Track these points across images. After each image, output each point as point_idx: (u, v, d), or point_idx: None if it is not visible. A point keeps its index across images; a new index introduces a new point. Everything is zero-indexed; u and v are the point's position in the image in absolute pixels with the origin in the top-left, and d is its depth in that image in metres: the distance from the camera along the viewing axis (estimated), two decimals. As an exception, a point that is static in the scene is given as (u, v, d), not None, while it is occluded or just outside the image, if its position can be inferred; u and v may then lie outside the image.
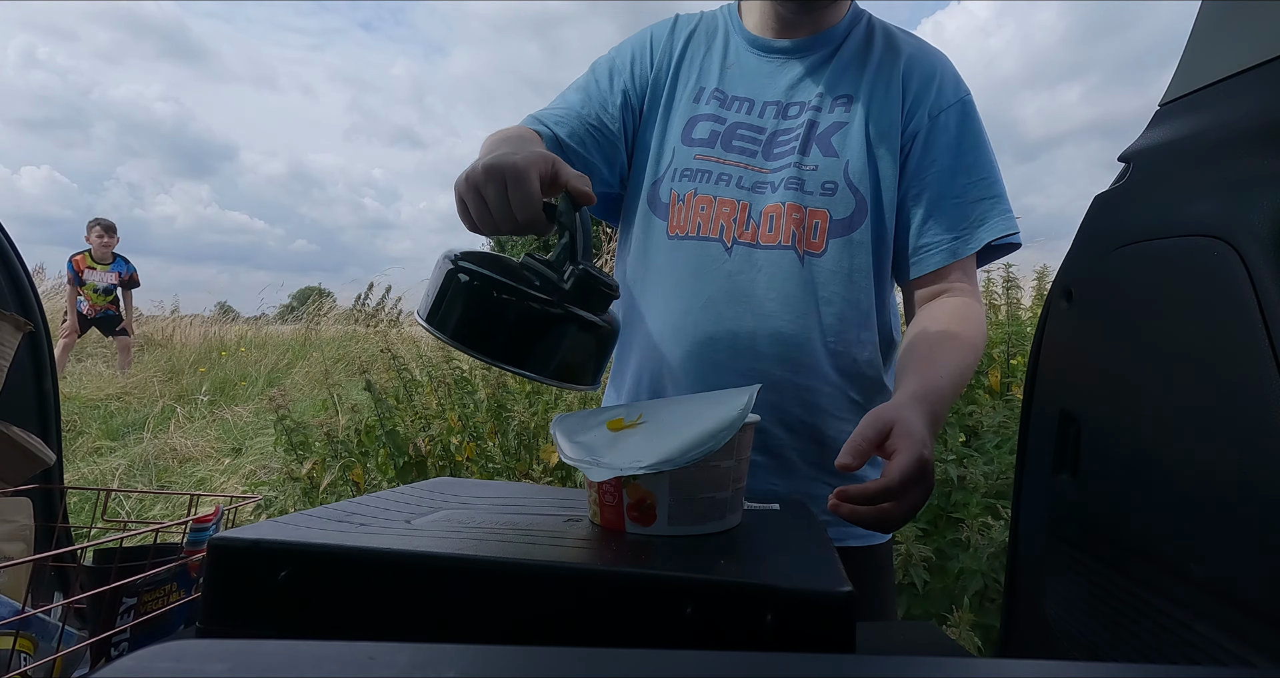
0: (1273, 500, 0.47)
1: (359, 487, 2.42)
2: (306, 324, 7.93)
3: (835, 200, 0.84)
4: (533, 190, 0.57)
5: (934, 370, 0.75)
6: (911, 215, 0.87)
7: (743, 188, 0.86)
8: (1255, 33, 0.58)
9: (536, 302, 0.53)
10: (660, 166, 0.91)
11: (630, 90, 0.93)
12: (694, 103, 0.91)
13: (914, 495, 0.61)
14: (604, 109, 0.92)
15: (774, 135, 0.88)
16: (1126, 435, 0.65)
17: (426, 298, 0.56)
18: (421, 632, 0.42)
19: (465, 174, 0.60)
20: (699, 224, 0.86)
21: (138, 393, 5.72)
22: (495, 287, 0.53)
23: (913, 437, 0.62)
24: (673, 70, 0.93)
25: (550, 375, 0.55)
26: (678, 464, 0.50)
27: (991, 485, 1.87)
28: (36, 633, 0.65)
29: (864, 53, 0.89)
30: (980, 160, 0.86)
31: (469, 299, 0.54)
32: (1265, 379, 0.48)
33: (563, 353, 0.55)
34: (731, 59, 0.93)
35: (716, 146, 0.88)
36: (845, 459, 0.61)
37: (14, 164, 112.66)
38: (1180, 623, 0.55)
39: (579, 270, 0.55)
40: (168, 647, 0.25)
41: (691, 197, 0.87)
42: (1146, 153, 0.70)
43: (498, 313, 0.53)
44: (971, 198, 0.85)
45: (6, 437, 0.87)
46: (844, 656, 0.38)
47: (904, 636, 0.61)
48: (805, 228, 0.84)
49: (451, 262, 0.54)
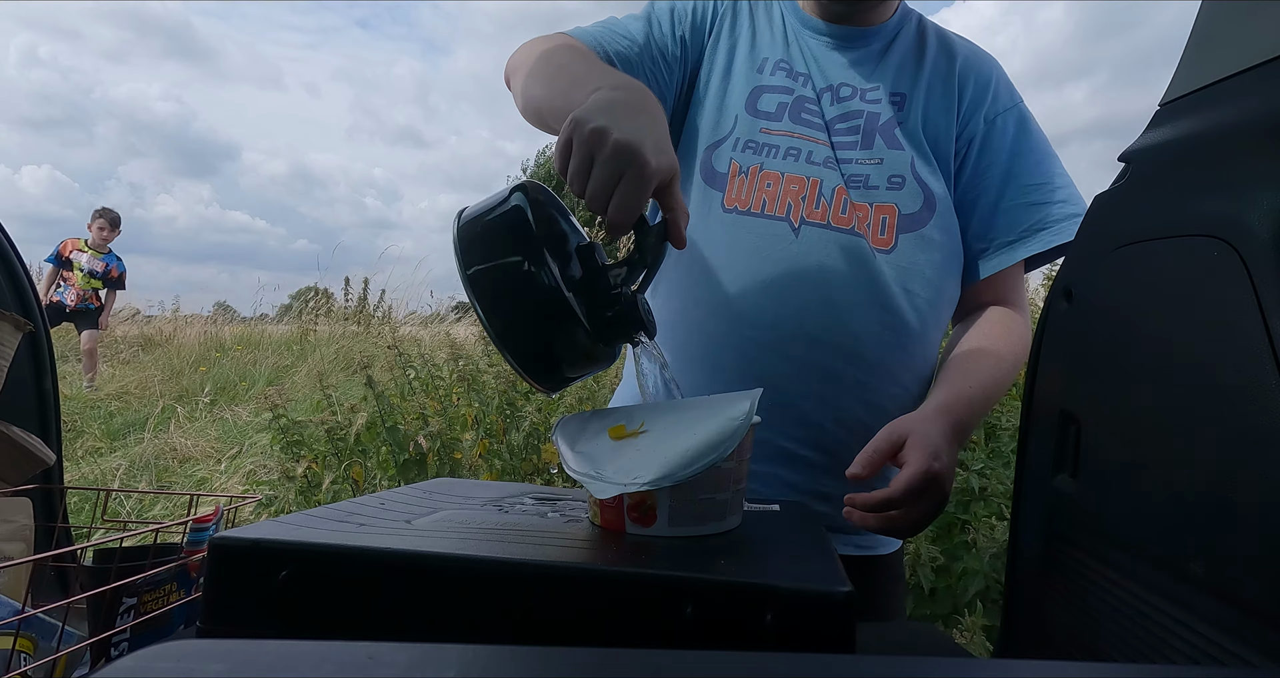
0: (1273, 501, 0.47)
1: (358, 485, 2.42)
2: (304, 324, 7.93)
3: (903, 194, 0.81)
4: (642, 201, 0.53)
5: (965, 381, 0.73)
6: (968, 221, 0.84)
7: (812, 163, 0.81)
8: (1255, 33, 0.58)
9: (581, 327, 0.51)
10: (718, 132, 0.86)
11: (689, 43, 0.87)
12: (757, 72, 0.87)
13: (922, 506, 0.60)
14: (662, 55, 0.85)
15: (834, 122, 0.84)
16: (1126, 435, 0.65)
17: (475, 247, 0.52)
18: (421, 632, 0.42)
19: (589, 123, 0.53)
20: (764, 201, 0.81)
21: (138, 393, 5.72)
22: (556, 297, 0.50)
23: (925, 449, 0.61)
24: (734, 34, 0.89)
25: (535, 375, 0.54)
26: (677, 479, 0.50)
27: (1008, 490, 1.87)
28: (36, 633, 0.65)
29: (918, 52, 0.87)
30: (1039, 166, 0.83)
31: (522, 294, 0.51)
32: (1265, 379, 0.48)
33: (565, 364, 0.54)
34: (791, 38, 0.89)
35: (784, 120, 0.84)
36: (855, 469, 0.61)
37: (15, 163, 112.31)
38: (1180, 623, 0.55)
39: (630, 298, 0.52)
40: (168, 647, 0.25)
41: (757, 170, 0.82)
42: (1147, 153, 0.70)
43: (543, 319, 0.51)
44: (1025, 204, 0.82)
45: (6, 437, 0.87)
46: (844, 656, 0.38)
47: (904, 636, 0.61)
48: (873, 224, 0.80)
49: (523, 204, 0.50)
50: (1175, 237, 0.60)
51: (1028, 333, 0.83)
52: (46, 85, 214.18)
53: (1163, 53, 5.58)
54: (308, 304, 8.44)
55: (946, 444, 0.64)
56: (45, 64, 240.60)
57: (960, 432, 0.68)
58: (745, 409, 0.54)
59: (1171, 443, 0.58)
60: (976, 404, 0.72)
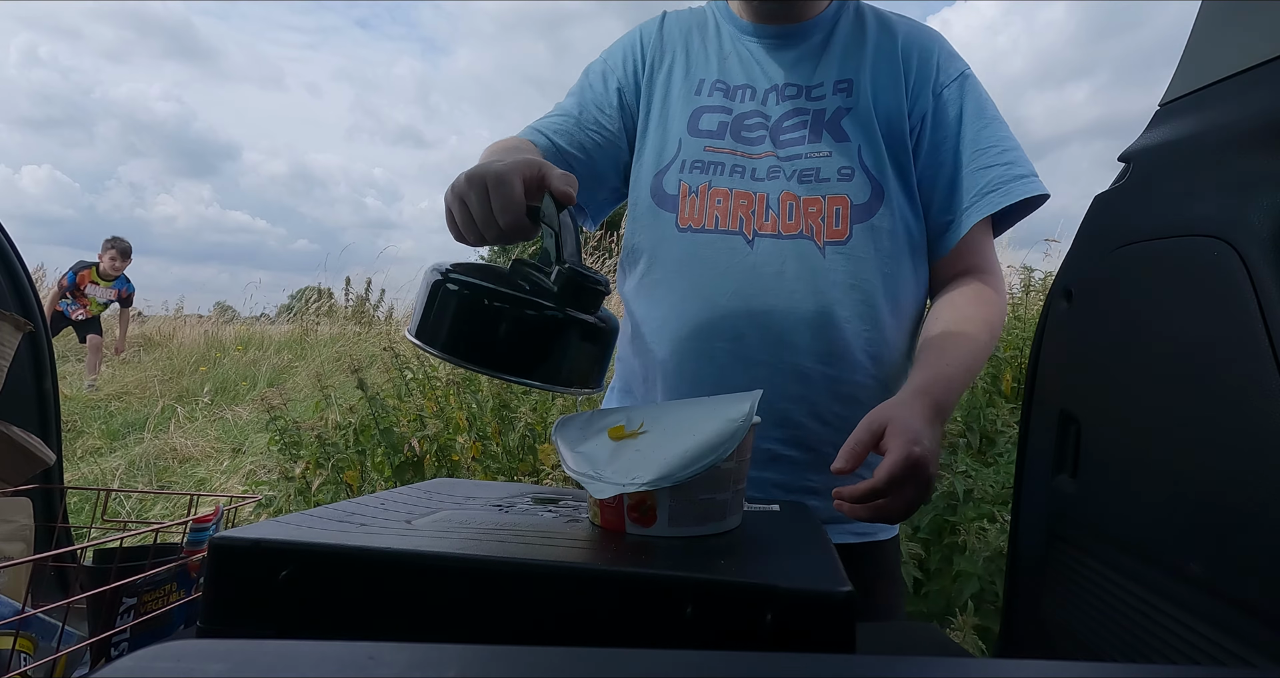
0: (1273, 500, 0.47)
1: (352, 488, 2.43)
2: (304, 324, 7.92)
3: (853, 186, 0.83)
4: (515, 194, 0.56)
5: (941, 360, 0.75)
6: (931, 197, 0.86)
7: (756, 179, 0.85)
8: (1255, 33, 0.58)
9: (529, 306, 0.52)
10: (663, 158, 0.89)
11: (625, 88, 0.92)
12: (695, 94, 0.90)
13: (908, 492, 0.61)
14: (600, 111, 0.91)
15: (780, 122, 0.86)
16: (1126, 435, 0.65)
17: (415, 313, 0.55)
18: (421, 632, 0.42)
19: (451, 185, 0.59)
20: (716, 217, 0.84)
21: (138, 393, 5.72)
22: (484, 294, 0.51)
23: (904, 435, 0.62)
24: (667, 64, 0.93)
25: (546, 380, 0.53)
26: (676, 480, 0.50)
27: (997, 494, 1.87)
28: (36, 633, 0.65)
29: (859, 36, 0.89)
30: (984, 131, 0.85)
31: (458, 309, 0.52)
32: (1265, 379, 0.48)
33: (558, 356, 0.54)
34: (728, 49, 0.92)
35: (727, 137, 0.87)
36: (839, 463, 0.62)
37: (15, 163, 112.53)
38: (1180, 623, 0.55)
39: (566, 269, 0.53)
40: (168, 647, 0.25)
41: (705, 189, 0.85)
42: (1147, 153, 0.70)
43: (488, 321, 0.51)
44: (975, 169, 0.84)
45: (6, 437, 0.88)
46: (844, 656, 0.38)
47: (904, 636, 0.61)
48: (825, 218, 0.83)
49: (439, 273, 0.53)
50: (1175, 237, 0.60)
51: (1001, 297, 0.86)
52: (47, 85, 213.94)
53: (1164, 53, 5.63)
54: (308, 305, 8.44)
55: (926, 427, 0.65)
56: (45, 64, 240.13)
57: (940, 411, 0.70)
58: (745, 410, 0.54)
59: (1171, 443, 0.58)
60: (954, 382, 0.74)
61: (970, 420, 2.19)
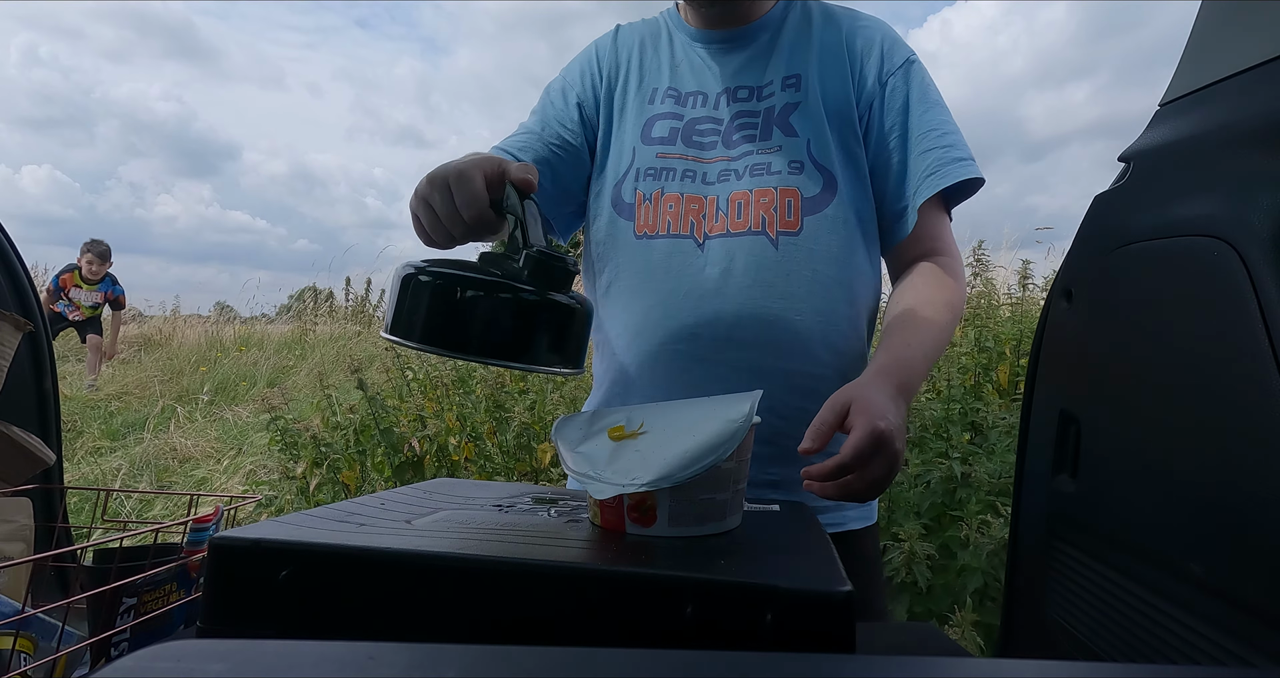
0: (1273, 501, 0.47)
1: (351, 489, 2.43)
2: (304, 323, 7.91)
3: (803, 178, 0.85)
4: (476, 187, 0.57)
5: (902, 343, 0.76)
6: (884, 185, 0.87)
7: (708, 182, 0.87)
8: (1255, 33, 0.58)
9: (504, 290, 0.52)
10: (621, 167, 0.92)
11: (585, 103, 0.95)
12: (648, 103, 0.93)
13: (875, 467, 0.62)
14: (563, 126, 0.93)
15: (732, 123, 0.89)
16: (1126, 435, 0.65)
17: (388, 311, 0.55)
18: (421, 632, 0.42)
19: (415, 190, 0.61)
20: (668, 222, 0.87)
21: (138, 393, 5.72)
22: (457, 282, 0.52)
23: (869, 411, 0.63)
24: (622, 76, 0.96)
25: (530, 362, 0.54)
26: (675, 481, 0.50)
27: (995, 485, 1.87)
28: (36, 633, 0.65)
29: (805, 31, 0.91)
30: (925, 116, 0.86)
31: (433, 299, 0.53)
32: (1265, 379, 0.48)
33: (539, 337, 0.54)
34: (680, 56, 0.94)
35: (678, 143, 0.89)
36: (806, 443, 0.63)
37: (15, 163, 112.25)
38: (1180, 623, 0.55)
39: (533, 253, 0.54)
40: (168, 647, 0.25)
41: (659, 195, 0.88)
42: (1147, 153, 0.70)
43: (464, 307, 0.52)
44: (918, 153, 0.85)
45: (6, 437, 0.88)
46: (844, 656, 0.38)
47: (904, 636, 0.61)
48: (778, 209, 0.84)
49: (410, 268, 0.54)
50: (1175, 236, 0.60)
51: (960, 278, 0.87)
52: (47, 85, 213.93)
53: (1165, 53, 5.60)
54: (307, 305, 8.43)
55: (891, 403, 0.66)
56: (46, 64, 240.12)
57: (903, 390, 0.71)
58: (745, 410, 0.54)
59: (1171, 443, 0.58)
60: (915, 363, 0.75)
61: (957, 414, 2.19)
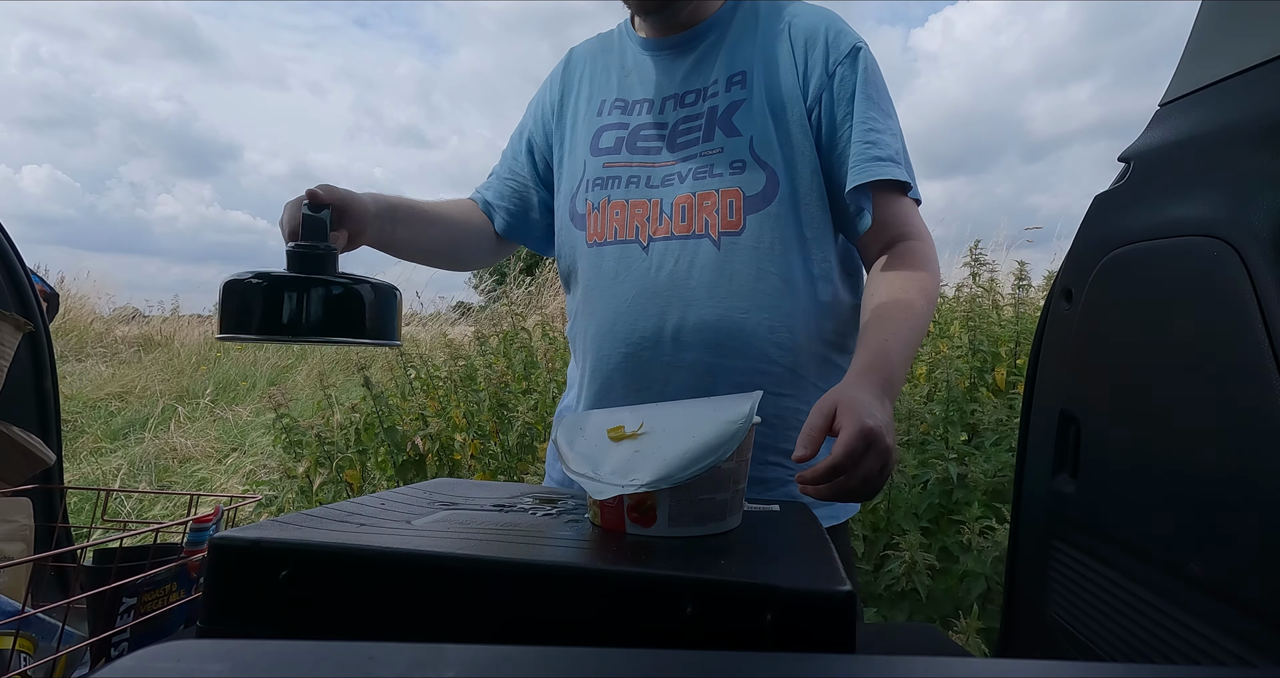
0: (1273, 501, 0.47)
1: (353, 488, 2.43)
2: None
3: (745, 178, 0.85)
4: (292, 210, 0.71)
5: (881, 336, 0.77)
6: (839, 176, 0.86)
7: (651, 187, 0.88)
8: (1255, 33, 0.58)
9: (267, 278, 0.63)
10: (574, 179, 0.94)
11: (534, 135, 1.01)
12: (596, 116, 0.94)
13: (867, 465, 0.62)
14: (515, 160, 1.02)
15: (676, 127, 0.89)
16: (1126, 435, 0.65)
17: (218, 317, 0.66)
18: (421, 632, 0.42)
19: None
20: (615, 228, 0.89)
21: (138, 393, 5.72)
22: (266, 280, 0.64)
23: (855, 411, 0.63)
24: (573, 96, 0.98)
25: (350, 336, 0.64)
26: (675, 481, 0.50)
27: (990, 484, 1.87)
28: (36, 633, 0.65)
29: (750, 27, 0.91)
30: (860, 107, 0.85)
31: (245, 297, 0.64)
32: (1265, 379, 0.48)
33: (322, 313, 0.64)
34: (630, 65, 0.95)
35: (622, 151, 0.91)
36: (798, 451, 0.63)
37: (15, 163, 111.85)
38: (1180, 623, 0.55)
39: (289, 248, 0.66)
40: (168, 647, 0.25)
41: (605, 203, 0.90)
42: (1146, 153, 0.70)
43: (279, 298, 0.63)
44: (858, 141, 0.85)
45: (6, 437, 0.88)
46: (844, 656, 0.38)
47: (904, 636, 0.61)
48: (720, 210, 0.85)
49: (230, 278, 0.65)
50: (1175, 236, 0.60)
51: (931, 261, 0.86)
52: (48, 85, 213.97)
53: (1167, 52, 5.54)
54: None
55: (876, 400, 0.67)
56: (46, 63, 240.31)
57: (888, 386, 0.72)
58: (745, 411, 0.54)
59: (1171, 443, 0.58)
60: (896, 355, 0.76)
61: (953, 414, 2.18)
